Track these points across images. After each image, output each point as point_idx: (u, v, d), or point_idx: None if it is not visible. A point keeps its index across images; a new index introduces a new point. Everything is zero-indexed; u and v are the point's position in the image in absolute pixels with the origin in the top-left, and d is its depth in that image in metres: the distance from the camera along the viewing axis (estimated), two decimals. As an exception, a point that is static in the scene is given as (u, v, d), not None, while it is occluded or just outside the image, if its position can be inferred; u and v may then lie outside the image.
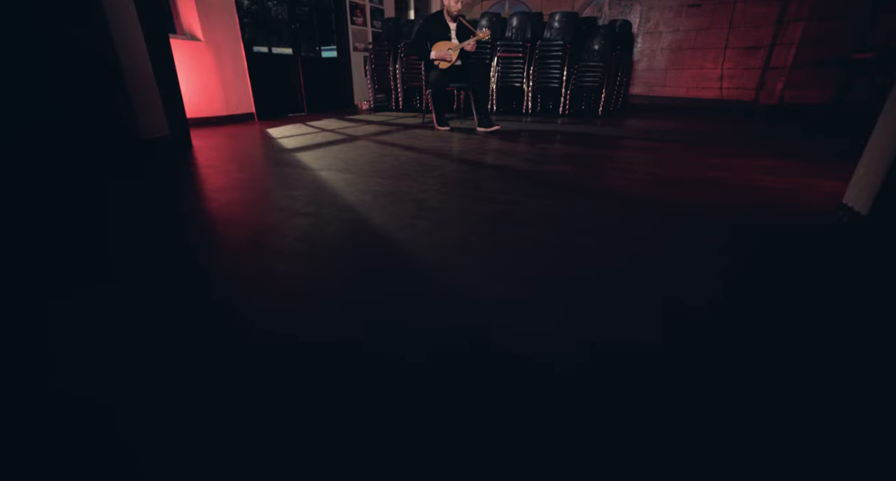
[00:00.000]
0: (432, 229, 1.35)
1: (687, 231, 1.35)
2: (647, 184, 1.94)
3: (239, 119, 4.51)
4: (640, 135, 3.61)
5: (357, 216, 1.47)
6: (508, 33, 5.48)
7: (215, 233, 1.34)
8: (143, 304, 0.92)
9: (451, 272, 1.05)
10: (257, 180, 2.02)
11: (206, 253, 1.19)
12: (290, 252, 1.19)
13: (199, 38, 3.98)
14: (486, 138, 3.41)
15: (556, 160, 2.51)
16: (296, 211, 1.54)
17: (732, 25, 6.42)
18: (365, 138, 3.41)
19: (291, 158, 2.56)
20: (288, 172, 2.17)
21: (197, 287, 1.00)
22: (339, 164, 2.35)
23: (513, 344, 0.78)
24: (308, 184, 1.94)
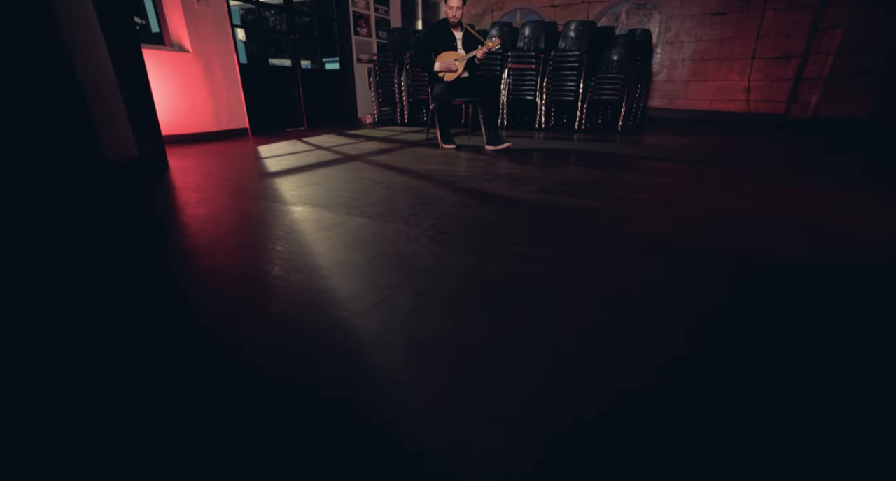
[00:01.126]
0: (415, 309, 0.97)
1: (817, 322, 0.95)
2: (702, 229, 1.54)
3: (231, 135, 4.21)
4: (669, 155, 3.21)
5: (317, 285, 1.10)
6: (520, 44, 5.15)
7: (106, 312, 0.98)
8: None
9: (432, 420, 0.67)
10: (216, 219, 1.67)
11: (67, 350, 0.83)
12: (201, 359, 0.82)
13: (187, 50, 3.70)
14: (496, 158, 3.05)
15: (578, 189, 2.12)
16: (237, 275, 1.17)
17: (761, 34, 6.01)
18: (361, 158, 3.06)
19: (269, 186, 2.22)
20: (257, 208, 1.82)
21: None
22: (322, 196, 2.00)
23: None
24: (273, 227, 1.58)
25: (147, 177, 2.43)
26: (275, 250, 1.32)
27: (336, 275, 1.14)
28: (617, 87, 4.65)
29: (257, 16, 4.54)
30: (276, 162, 2.97)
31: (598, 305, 0.98)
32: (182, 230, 1.53)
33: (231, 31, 4.02)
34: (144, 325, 0.91)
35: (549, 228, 1.53)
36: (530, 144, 3.84)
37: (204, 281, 1.12)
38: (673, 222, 1.60)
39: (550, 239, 1.41)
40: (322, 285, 1.09)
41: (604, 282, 1.09)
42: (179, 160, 3.03)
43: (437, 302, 1.00)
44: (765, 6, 5.90)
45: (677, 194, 2.03)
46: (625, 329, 0.88)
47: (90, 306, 0.99)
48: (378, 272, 1.16)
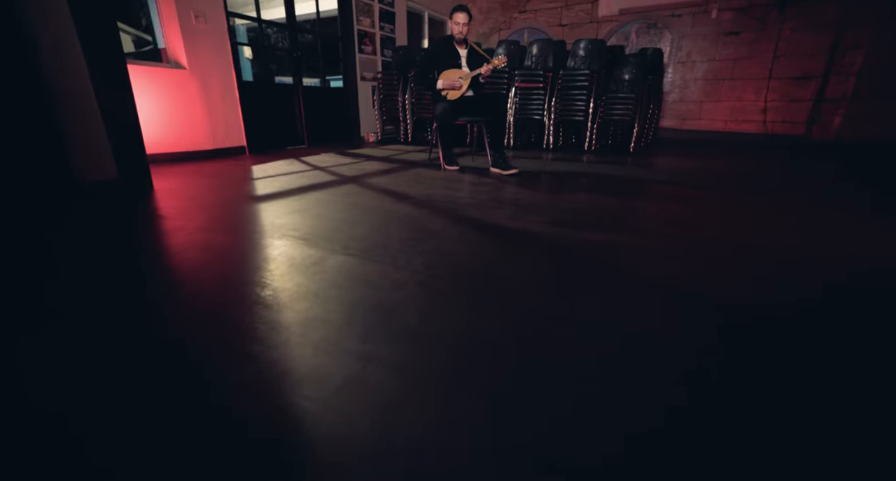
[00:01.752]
0: (390, 393, 0.74)
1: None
2: (738, 272, 1.30)
3: (227, 153, 4.06)
4: (686, 181, 2.98)
5: (269, 356, 0.88)
6: (528, 62, 5.01)
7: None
8: None
9: None
10: (178, 255, 1.46)
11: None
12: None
13: (183, 67, 3.58)
14: (501, 182, 2.84)
15: (593, 221, 1.89)
16: (174, 347, 0.95)
17: (777, 54, 5.84)
18: (357, 181, 2.87)
19: (252, 214, 2.02)
20: (229, 242, 1.61)
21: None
22: (306, 226, 1.79)
23: None
24: (240, 268, 1.37)
25: (122, 200, 2.24)
26: (245, 290, 1.10)
27: (298, 341, 0.91)
28: (629, 106, 4.46)
29: (259, 33, 4.45)
30: (268, 183, 2.78)
31: (638, 396, 0.74)
32: (128, 278, 1.32)
33: (231, 48, 3.91)
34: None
35: (562, 273, 1.29)
36: (538, 166, 3.63)
37: (128, 356, 0.90)
38: (701, 263, 1.36)
39: (564, 287, 1.18)
40: (276, 355, 0.86)
41: (640, 357, 0.85)
42: (166, 181, 2.85)
43: (420, 383, 0.76)
44: (781, 26, 5.75)
45: (700, 228, 1.79)
46: (694, 442, 0.64)
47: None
48: (351, 335, 0.93)
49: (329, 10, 5.68)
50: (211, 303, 1.09)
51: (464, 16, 3.08)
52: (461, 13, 3.08)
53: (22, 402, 0.72)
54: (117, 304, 1.08)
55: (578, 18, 7.04)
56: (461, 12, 3.08)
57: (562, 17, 7.16)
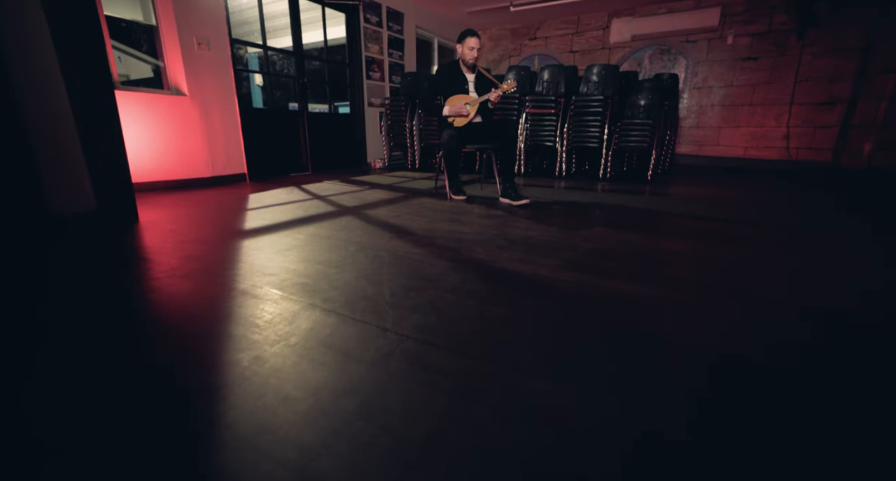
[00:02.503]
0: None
1: None
2: (807, 339, 1.03)
3: (226, 181, 3.93)
4: (713, 213, 2.72)
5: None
6: (539, 88, 4.87)
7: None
8: None
9: None
10: (143, 302, 1.24)
11: None
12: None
13: (183, 93, 3.49)
14: (511, 214, 2.61)
15: (614, 265, 1.64)
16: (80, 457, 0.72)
17: (799, 79, 5.63)
18: (356, 212, 2.67)
19: (234, 252, 1.81)
20: (195, 291, 1.40)
21: None
22: (288, 271, 1.57)
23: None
24: (197, 330, 1.14)
25: (97, 234, 2.06)
26: (184, 364, 0.87)
27: (240, 448, 0.67)
28: (646, 133, 4.26)
29: (265, 61, 4.39)
30: (261, 214, 2.60)
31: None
32: (59, 334, 1.10)
33: (233, 75, 3.83)
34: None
35: (582, 338, 1.04)
36: (550, 195, 3.41)
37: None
38: (750, 326, 1.10)
39: (586, 361, 0.93)
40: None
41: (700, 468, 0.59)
42: (155, 211, 2.69)
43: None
44: (801, 51, 5.56)
45: (741, 276, 1.53)
46: None
47: None
48: (309, 439, 0.68)
49: (338, 38, 5.67)
50: (121, 403, 0.86)
51: (476, 40, 2.94)
52: (474, 37, 2.94)
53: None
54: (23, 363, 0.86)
55: (590, 45, 6.97)
56: (474, 37, 2.94)
57: (573, 44, 7.09)
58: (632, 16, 6.55)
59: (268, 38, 6.99)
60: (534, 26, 7.33)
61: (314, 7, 4.93)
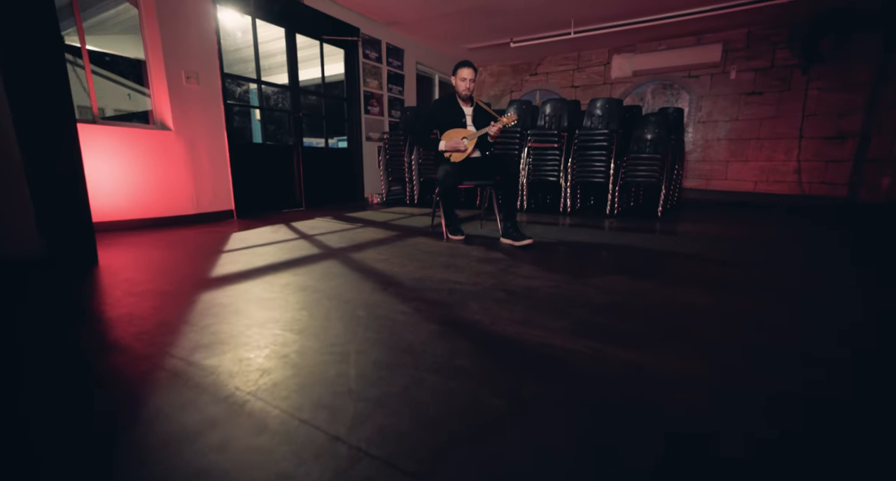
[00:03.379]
0: None
1: None
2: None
3: (212, 218, 3.72)
4: (737, 256, 2.45)
5: None
6: (541, 122, 4.73)
7: None
8: None
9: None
10: (43, 383, 0.97)
11: None
12: None
13: (168, 128, 3.34)
14: (513, 257, 2.35)
15: (635, 327, 1.36)
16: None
17: (806, 114, 5.50)
18: (342, 256, 2.42)
19: (185, 310, 1.55)
20: (112, 368, 1.12)
21: None
22: (238, 337, 1.30)
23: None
24: (82, 428, 0.86)
25: (34, 283, 1.81)
26: None
27: None
28: (654, 167, 4.06)
29: (260, 95, 4.30)
30: (237, 258, 2.35)
31: None
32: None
33: (223, 109, 3.70)
34: None
35: (604, 445, 0.75)
36: (555, 234, 3.16)
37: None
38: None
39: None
40: None
41: None
42: (120, 254, 2.45)
43: None
44: (807, 86, 5.46)
45: (783, 335, 1.24)
46: None
47: None
48: None
49: (337, 74, 5.64)
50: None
51: (469, 71, 2.79)
52: (467, 68, 2.79)
53: None
54: None
55: (591, 80, 6.94)
56: (467, 67, 2.80)
57: (574, 79, 7.08)
58: (632, 52, 6.54)
59: (269, 75, 7.03)
60: (534, 62, 7.35)
61: (313, 44, 4.90)
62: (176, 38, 3.29)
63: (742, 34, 5.79)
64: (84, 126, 2.84)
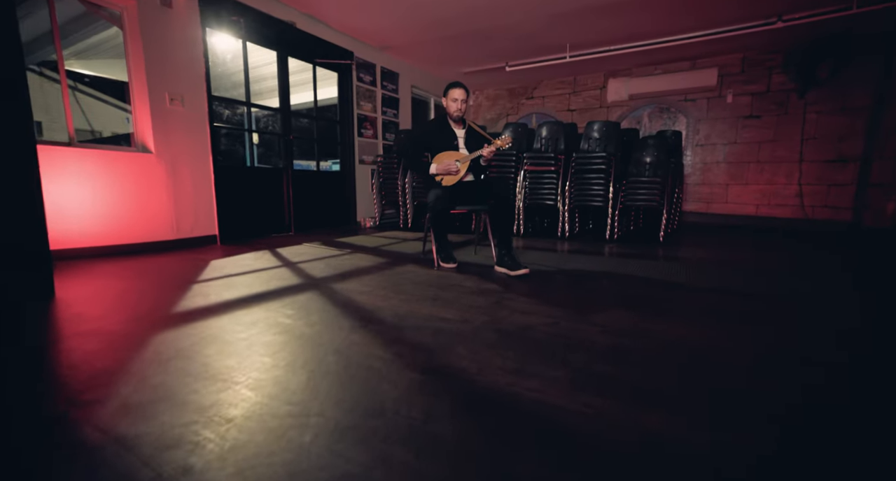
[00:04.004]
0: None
1: None
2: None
3: (193, 244, 3.55)
4: (749, 286, 2.27)
5: None
6: (537, 144, 4.64)
7: None
8: None
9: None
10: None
11: None
12: None
13: (149, 150, 3.21)
14: (507, 291, 2.17)
15: (647, 375, 1.18)
16: None
17: (805, 137, 5.43)
18: (323, 287, 2.24)
19: (133, 352, 1.36)
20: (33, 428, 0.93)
21: None
22: (180, 393, 1.11)
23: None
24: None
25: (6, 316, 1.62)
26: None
27: None
28: (654, 191, 3.93)
29: (247, 117, 4.20)
30: (209, 289, 2.17)
31: None
32: None
33: (209, 131, 3.59)
34: None
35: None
36: (553, 261, 2.99)
37: None
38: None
39: None
40: None
41: None
42: (82, 284, 2.27)
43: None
44: (805, 110, 5.42)
45: (830, 391, 1.06)
46: None
47: None
48: None
49: (330, 98, 5.58)
50: None
51: (461, 92, 2.69)
52: (458, 89, 2.69)
53: None
54: None
55: (587, 104, 6.92)
56: (458, 88, 2.69)
57: (570, 103, 7.06)
58: (628, 76, 6.54)
59: (265, 100, 7.00)
60: (531, 86, 7.36)
61: (307, 68, 4.85)
62: (161, 60, 3.20)
63: (737, 59, 5.79)
64: (55, 149, 2.71)
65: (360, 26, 4.76)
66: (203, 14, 3.48)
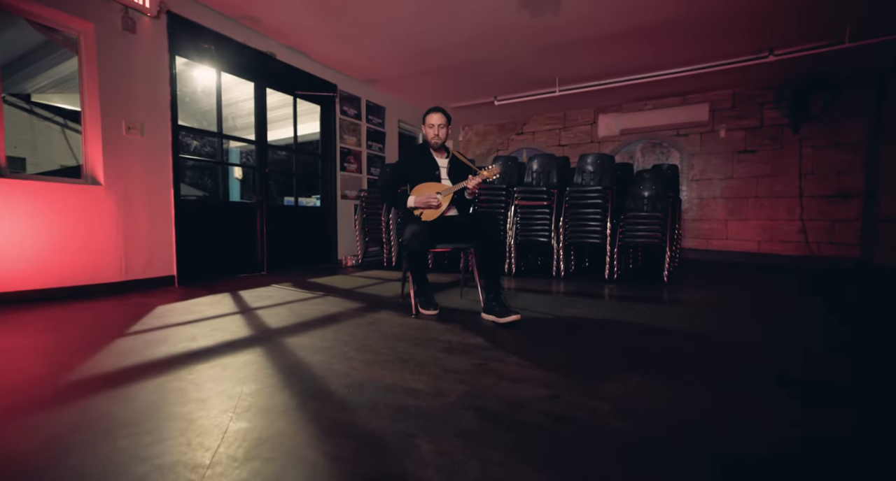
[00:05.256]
0: None
1: None
2: None
3: (145, 285, 3.15)
4: (798, 342, 1.93)
5: None
6: (528, 178, 4.40)
7: None
8: None
9: None
10: None
11: None
12: None
13: (98, 182, 2.89)
14: (494, 346, 1.80)
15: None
16: None
17: (803, 172, 5.28)
18: (275, 341, 1.86)
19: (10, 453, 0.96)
20: None
21: None
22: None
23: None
24: None
25: None
26: None
27: None
28: (655, 226, 3.65)
29: (218, 150, 3.93)
30: (132, 345, 1.77)
31: None
32: None
33: (172, 163, 3.29)
34: None
35: None
36: (549, 306, 2.64)
37: None
38: None
39: None
40: None
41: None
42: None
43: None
44: (800, 144, 5.30)
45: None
46: None
47: None
48: None
49: (314, 133, 5.37)
50: None
51: (439, 116, 2.43)
52: (436, 114, 2.44)
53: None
54: None
55: (578, 139, 6.81)
56: (436, 113, 2.44)
57: (560, 138, 6.95)
58: (618, 112, 6.46)
59: (250, 133, 6.80)
60: (520, 121, 7.27)
61: (290, 102, 4.65)
62: (118, 86, 2.95)
63: (727, 95, 5.73)
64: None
65: (343, 58, 4.62)
66: (172, 40, 3.27)
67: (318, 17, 3.72)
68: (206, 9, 3.50)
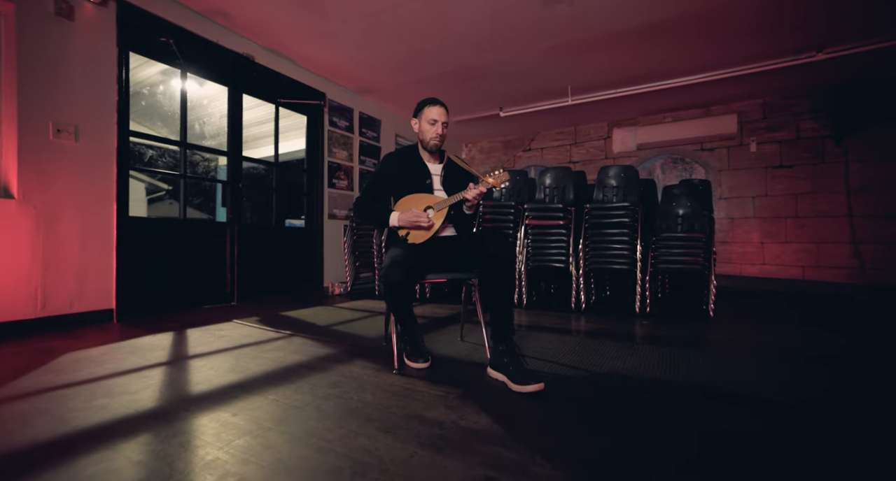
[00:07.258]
0: None
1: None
2: None
3: (71, 323, 2.55)
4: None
5: None
6: (540, 194, 3.82)
7: None
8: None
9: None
10: None
11: None
12: None
13: (11, 195, 2.34)
14: (507, 430, 1.17)
15: None
16: None
17: (851, 189, 4.66)
18: (182, 419, 1.25)
19: None
20: None
21: None
22: None
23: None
24: None
25: None
26: None
27: None
28: (696, 250, 3.03)
29: (182, 161, 3.40)
30: (19, 422, 1.16)
31: None
32: None
33: (116, 174, 2.76)
34: None
35: None
36: (575, 355, 2.00)
37: None
38: None
39: None
40: None
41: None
42: None
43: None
44: (847, 158, 4.70)
45: None
46: None
47: None
48: None
49: (298, 150, 4.87)
50: None
51: (440, 111, 1.87)
52: (437, 107, 1.88)
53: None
54: None
55: (591, 155, 6.28)
56: (436, 106, 1.88)
57: (572, 155, 6.42)
58: (634, 125, 5.95)
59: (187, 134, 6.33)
60: (527, 137, 6.77)
61: (271, 119, 4.16)
62: (46, 80, 2.45)
63: (756, 105, 5.20)
64: None
65: (331, 62, 4.15)
66: (123, 32, 2.79)
67: (300, 12, 3.25)
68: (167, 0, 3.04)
